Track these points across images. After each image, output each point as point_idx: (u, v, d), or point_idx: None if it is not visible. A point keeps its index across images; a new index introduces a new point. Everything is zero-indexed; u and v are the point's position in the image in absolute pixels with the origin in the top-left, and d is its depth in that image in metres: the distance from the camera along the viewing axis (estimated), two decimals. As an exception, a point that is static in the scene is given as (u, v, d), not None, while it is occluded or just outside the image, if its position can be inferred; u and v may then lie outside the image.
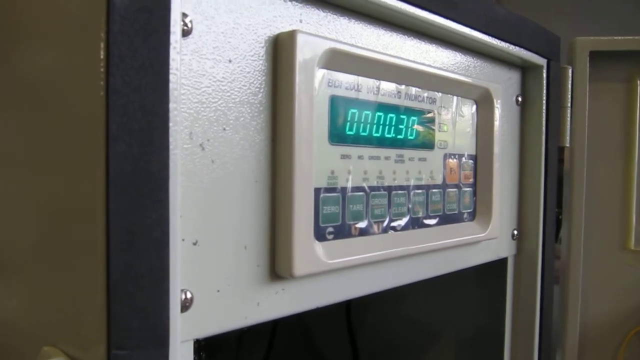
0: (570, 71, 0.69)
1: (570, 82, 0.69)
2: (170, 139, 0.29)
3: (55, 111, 0.31)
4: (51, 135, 0.32)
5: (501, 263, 0.63)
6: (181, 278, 0.31)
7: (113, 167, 0.27)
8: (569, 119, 0.69)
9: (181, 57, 0.30)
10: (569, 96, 0.69)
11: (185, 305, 0.31)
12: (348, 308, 0.82)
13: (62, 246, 0.31)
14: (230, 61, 0.34)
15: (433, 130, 0.50)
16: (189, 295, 0.31)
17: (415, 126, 0.48)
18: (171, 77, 0.29)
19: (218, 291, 0.33)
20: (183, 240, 0.31)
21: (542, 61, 0.63)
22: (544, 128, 0.63)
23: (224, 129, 0.34)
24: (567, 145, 0.69)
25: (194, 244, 0.32)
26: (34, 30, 0.34)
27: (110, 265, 0.27)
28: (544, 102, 0.63)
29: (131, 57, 0.27)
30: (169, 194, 0.29)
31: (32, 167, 0.34)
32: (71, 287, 0.30)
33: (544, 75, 0.63)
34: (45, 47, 0.33)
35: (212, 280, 0.33)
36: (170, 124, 0.29)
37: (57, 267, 0.31)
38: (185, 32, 0.31)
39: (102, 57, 0.27)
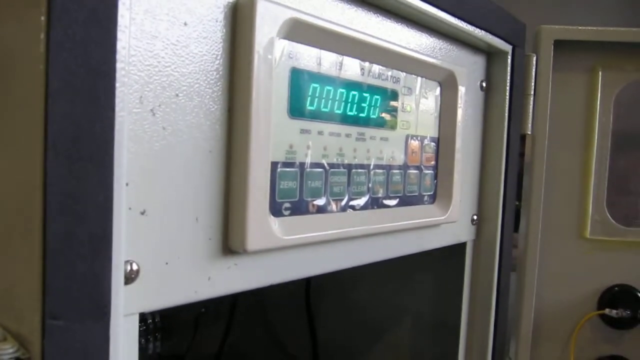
0: (534, 59, 0.69)
1: (534, 69, 0.69)
2: (117, 100, 0.27)
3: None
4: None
5: (460, 247, 0.63)
6: (126, 248, 0.29)
7: (53, 127, 0.25)
8: (531, 106, 0.69)
9: (131, 14, 0.29)
10: (533, 84, 0.69)
11: (130, 277, 0.30)
12: (307, 291, 0.81)
13: (-2, 211, 0.29)
14: (185, 24, 0.32)
15: (396, 110, 0.49)
16: (134, 267, 0.30)
17: (378, 105, 0.47)
18: (119, 35, 0.27)
19: (166, 264, 0.32)
20: (130, 208, 0.30)
21: (507, 47, 0.63)
22: (506, 114, 0.63)
23: (177, 95, 0.32)
24: (529, 132, 0.70)
25: (142, 213, 0.31)
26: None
27: (47, 231, 0.25)
28: (508, 88, 0.63)
29: (75, 9, 0.25)
30: (113, 158, 0.27)
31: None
32: (5, 254, 0.28)
33: (509, 61, 0.63)
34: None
35: (160, 252, 0.32)
36: (118, 84, 0.27)
37: (-7, 233, 0.30)
38: (137, -10, 0.29)
39: (43, 8, 0.25)
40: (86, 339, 0.27)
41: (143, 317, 0.74)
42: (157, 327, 0.78)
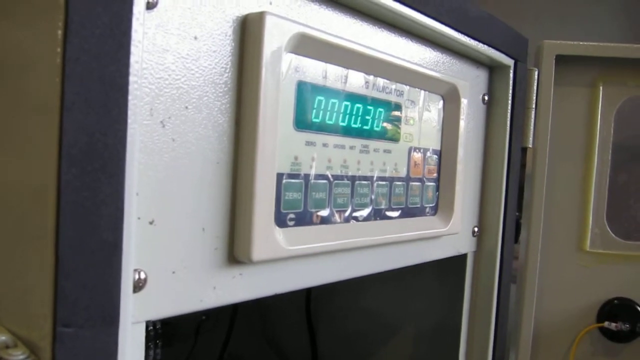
0: (536, 73, 0.70)
1: (535, 84, 0.70)
2: (129, 113, 0.28)
3: (7, 79, 0.30)
4: (8, 103, 0.30)
5: (461, 259, 0.64)
6: (135, 257, 0.30)
7: (67, 138, 0.26)
8: (532, 120, 0.70)
9: (144, 29, 0.29)
10: (534, 98, 0.70)
11: (139, 285, 0.30)
12: (308, 299, 0.82)
13: (8, 219, 0.30)
14: (196, 38, 0.33)
15: (399, 123, 0.50)
16: (142, 276, 0.31)
17: (382, 118, 0.48)
18: (133, 49, 0.28)
19: (173, 273, 0.33)
20: (139, 218, 0.30)
21: (509, 61, 0.64)
22: (508, 128, 0.64)
23: (187, 108, 0.33)
24: (530, 146, 0.70)
25: (150, 223, 0.31)
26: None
27: (59, 239, 0.26)
28: (510, 102, 0.64)
29: (91, 24, 0.26)
30: (125, 169, 0.28)
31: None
32: (18, 261, 0.29)
33: (511, 75, 0.64)
34: (4, 12, 0.31)
35: (167, 261, 0.32)
36: (130, 97, 0.28)
37: (5, 240, 0.30)
38: (150, 5, 0.30)
39: (60, 23, 0.26)
40: (96, 346, 0.27)
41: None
42: (158, 334, 0.78)
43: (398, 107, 0.49)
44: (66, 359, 0.26)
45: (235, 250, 0.36)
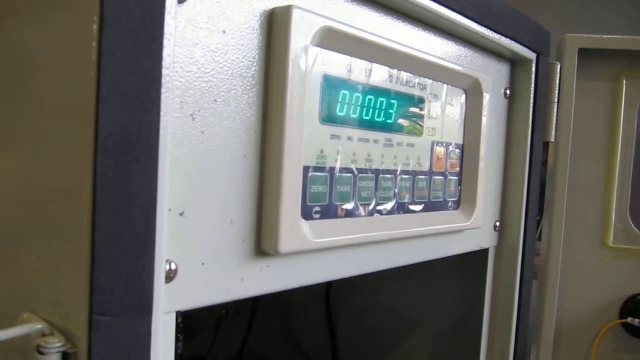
0: (558, 67, 0.70)
1: (558, 77, 0.69)
2: (162, 106, 0.28)
3: (44, 74, 0.31)
4: (40, 99, 0.31)
5: (482, 254, 0.64)
6: (166, 248, 0.30)
7: (102, 131, 0.26)
8: (555, 114, 0.69)
9: (176, 23, 0.30)
10: (556, 91, 0.69)
11: (169, 276, 0.31)
12: (327, 294, 0.82)
13: (45, 211, 0.30)
14: (224, 32, 0.33)
15: (422, 116, 0.50)
16: (173, 266, 0.31)
17: (405, 111, 0.48)
18: (165, 43, 0.28)
19: (203, 264, 0.33)
20: (170, 210, 0.31)
21: (531, 55, 0.63)
22: (530, 122, 0.64)
23: (215, 101, 0.33)
24: (552, 140, 0.70)
25: (181, 214, 0.32)
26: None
27: (95, 230, 0.26)
28: (532, 96, 0.64)
29: (125, 18, 0.26)
30: (158, 161, 0.28)
31: (17, 131, 0.33)
32: (53, 252, 0.30)
33: (533, 69, 0.64)
34: (35, 10, 0.32)
35: (197, 252, 0.33)
36: (162, 90, 0.28)
37: (40, 232, 0.31)
38: (181, -1, 0.30)
39: (95, 17, 0.26)
40: (130, 335, 0.28)
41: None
42: (179, 327, 0.79)
43: (421, 100, 0.49)
44: (102, 347, 0.26)
45: (262, 242, 0.36)
